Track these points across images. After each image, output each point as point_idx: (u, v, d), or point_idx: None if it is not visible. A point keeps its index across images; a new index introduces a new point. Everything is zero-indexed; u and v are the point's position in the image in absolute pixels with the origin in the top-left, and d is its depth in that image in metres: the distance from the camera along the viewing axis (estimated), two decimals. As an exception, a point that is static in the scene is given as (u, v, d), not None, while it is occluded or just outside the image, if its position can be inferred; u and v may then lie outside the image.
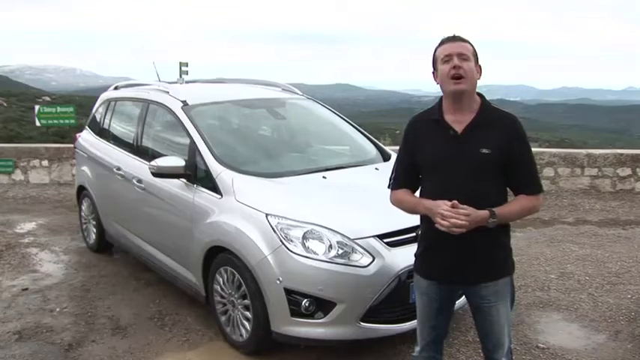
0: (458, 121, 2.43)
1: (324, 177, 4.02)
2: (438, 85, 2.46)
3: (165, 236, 4.45)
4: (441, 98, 2.53)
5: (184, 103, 4.51)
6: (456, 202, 2.32)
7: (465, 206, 2.32)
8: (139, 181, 4.62)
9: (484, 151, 2.37)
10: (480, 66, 2.45)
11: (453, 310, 2.70)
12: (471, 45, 2.44)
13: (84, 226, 6.11)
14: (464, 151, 2.39)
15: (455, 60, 2.37)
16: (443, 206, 2.33)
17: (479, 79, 2.44)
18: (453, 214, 2.30)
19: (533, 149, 2.54)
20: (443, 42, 2.45)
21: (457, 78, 2.37)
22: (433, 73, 2.48)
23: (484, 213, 2.33)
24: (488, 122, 2.41)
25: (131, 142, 5.06)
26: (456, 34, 2.46)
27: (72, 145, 6.75)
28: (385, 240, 3.40)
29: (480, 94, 2.50)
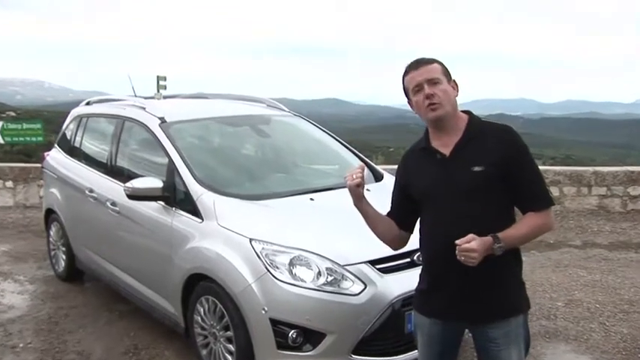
0: (445, 144, 2.44)
1: (311, 199, 4.06)
2: (417, 115, 2.49)
3: (141, 263, 4.46)
4: (426, 129, 2.55)
5: (162, 120, 4.56)
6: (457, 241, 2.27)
7: (472, 236, 2.26)
8: (113, 203, 4.65)
9: (476, 169, 2.34)
10: (454, 81, 2.47)
11: (457, 353, 2.64)
12: (439, 63, 2.44)
13: (52, 253, 6.09)
14: (454, 174, 2.38)
15: (426, 89, 2.39)
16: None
17: (457, 95, 2.46)
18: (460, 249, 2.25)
19: None
20: (407, 70, 2.47)
21: (432, 105, 2.39)
22: (408, 102, 2.51)
23: (488, 240, 2.28)
24: (478, 138, 2.40)
25: (105, 161, 5.09)
26: (420, 59, 2.47)
27: (39, 165, 6.76)
28: (378, 266, 3.44)
29: (466, 111, 2.51)
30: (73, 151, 5.77)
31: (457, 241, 2.26)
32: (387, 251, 3.42)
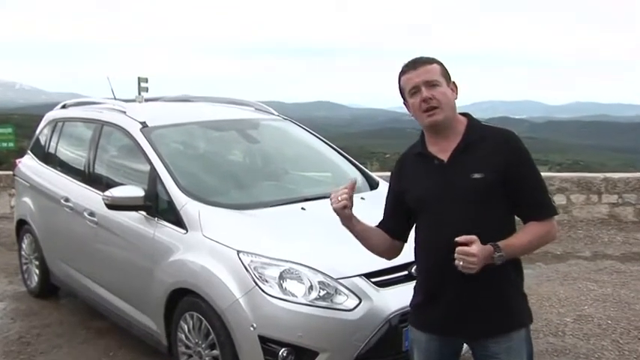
0: (442, 149, 2.46)
1: (303, 208, 4.09)
2: (412, 117, 2.51)
3: (121, 277, 4.47)
4: (422, 132, 2.56)
5: (144, 124, 4.58)
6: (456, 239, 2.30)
7: (471, 237, 2.28)
8: (91, 214, 4.66)
9: (475, 176, 2.36)
10: (454, 83, 2.49)
11: None
12: (438, 63, 2.45)
13: (24, 267, 6.08)
14: (452, 181, 2.41)
15: (423, 92, 2.39)
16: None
17: (456, 98, 2.48)
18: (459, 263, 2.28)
19: (542, 174, 2.54)
20: (404, 70, 2.47)
21: (430, 110, 2.40)
22: (404, 103, 2.53)
23: (488, 248, 2.30)
24: (478, 143, 2.42)
25: (82, 169, 5.11)
26: (418, 58, 2.47)
27: (11, 173, 6.75)
28: (373, 279, 3.47)
29: (465, 114, 2.53)
30: (48, 158, 5.78)
31: (458, 239, 2.29)
32: (383, 264, 3.44)
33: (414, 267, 2.72)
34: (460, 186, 2.39)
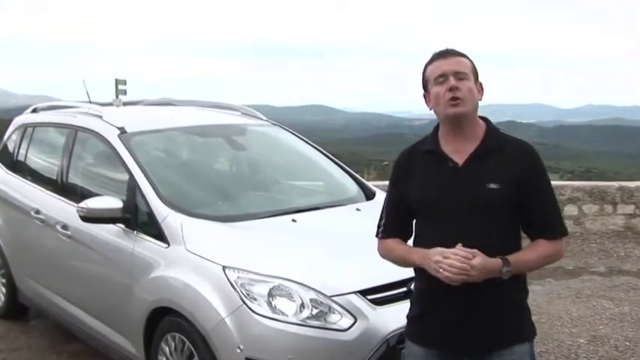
0: (458, 150, 2.50)
1: (293, 220, 4.12)
2: (431, 110, 2.54)
3: (96, 296, 4.48)
4: (437, 126, 2.60)
5: (122, 130, 4.59)
6: (460, 245, 2.36)
7: (473, 250, 2.35)
8: (64, 227, 4.66)
9: (492, 186, 2.42)
10: (480, 84, 2.54)
11: None
12: (469, 59, 2.52)
13: (-10, 285, 6.06)
14: (466, 188, 2.45)
15: (451, 80, 2.44)
16: (440, 251, 2.37)
17: (480, 99, 2.53)
18: (456, 262, 2.33)
19: (552, 182, 2.59)
20: (434, 58, 2.52)
21: (455, 100, 2.44)
22: (424, 95, 2.57)
23: (496, 262, 2.37)
24: (496, 151, 2.48)
25: (54, 178, 5.11)
26: (450, 48, 2.54)
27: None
28: (370, 297, 3.48)
29: (484, 118, 2.58)
30: (17, 166, 5.77)
31: (457, 250, 2.34)
32: (380, 280, 3.48)
33: (414, 283, 2.75)
34: (474, 194, 2.44)
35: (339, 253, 3.79)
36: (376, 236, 2.78)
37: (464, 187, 2.45)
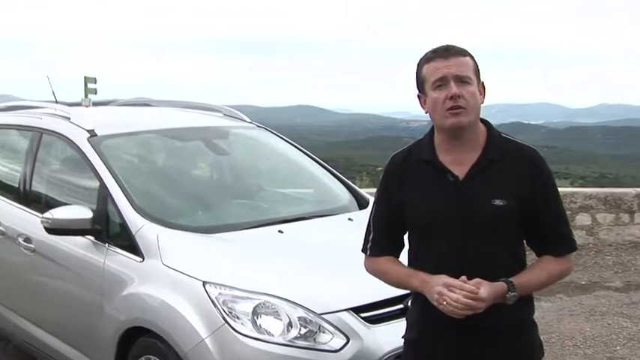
0: (457, 161, 2.47)
1: (280, 231, 4.13)
2: (427, 114, 2.50)
3: (63, 316, 4.46)
4: (432, 129, 2.56)
5: (92, 133, 4.57)
6: (464, 278, 2.34)
7: (478, 280, 2.33)
8: (27, 239, 4.64)
9: (497, 202, 2.39)
10: (482, 84, 2.51)
11: None
12: (471, 57, 2.47)
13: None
14: (469, 205, 2.42)
15: (453, 87, 2.37)
16: (444, 282, 2.35)
17: (482, 102, 2.50)
18: (461, 297, 2.30)
19: (562, 189, 2.61)
20: (432, 57, 2.45)
21: (455, 109, 2.39)
22: (419, 97, 2.53)
23: (500, 287, 2.36)
24: (499, 161, 2.45)
25: (16, 186, 5.08)
26: (450, 45, 2.47)
27: None
28: (363, 314, 3.49)
29: (484, 121, 2.55)
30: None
31: (463, 283, 2.32)
32: (374, 296, 3.49)
33: (410, 302, 2.75)
34: (477, 212, 2.42)
35: (329, 267, 3.80)
36: (362, 251, 2.76)
37: (466, 204, 2.43)
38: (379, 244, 2.69)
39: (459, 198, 2.44)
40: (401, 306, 3.50)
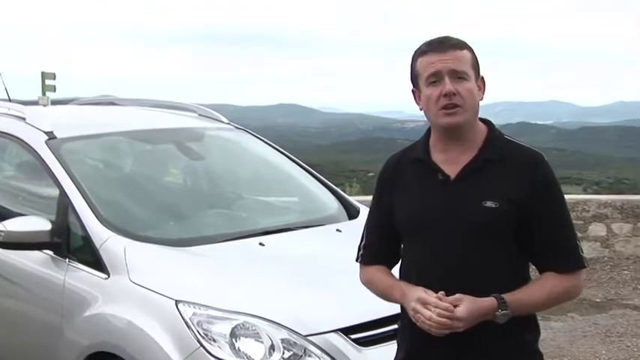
0: (451, 160, 2.50)
1: (261, 244, 4.13)
2: (422, 111, 2.53)
3: (17, 340, 4.43)
4: (428, 129, 2.60)
5: (50, 135, 4.55)
6: (442, 293, 2.34)
7: (457, 296, 2.33)
8: (-22, 254, 4.63)
9: (488, 204, 2.40)
10: (482, 79, 2.53)
11: None
12: (469, 50, 2.49)
13: None
14: (457, 205, 2.44)
15: (447, 83, 2.40)
16: (418, 296, 2.36)
17: (481, 99, 2.52)
18: (434, 316, 2.30)
19: (574, 196, 2.60)
20: (427, 50, 2.47)
21: (450, 108, 2.41)
22: (413, 92, 2.56)
23: (489, 303, 2.35)
24: (496, 162, 2.47)
25: (-35, 194, 5.07)
26: (446, 37, 2.49)
27: None
28: (353, 336, 3.50)
29: (485, 121, 2.58)
30: None
31: (438, 300, 2.32)
32: (365, 316, 3.50)
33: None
34: (466, 213, 2.43)
35: (316, 284, 3.81)
36: (356, 260, 2.79)
37: (455, 204, 2.45)
38: (371, 251, 2.72)
39: (447, 198, 2.46)
40: (395, 326, 3.50)
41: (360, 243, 2.78)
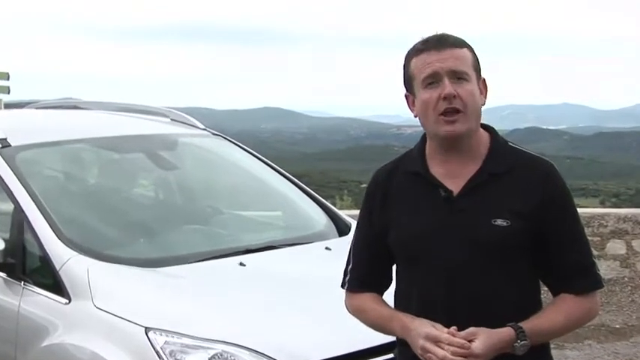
0: (452, 174, 2.46)
1: (241, 264, 4.13)
2: (417, 118, 2.49)
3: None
4: (423, 137, 2.57)
5: (4, 143, 4.55)
6: (454, 328, 2.31)
7: (471, 330, 2.31)
8: None
9: (498, 222, 2.38)
10: (484, 81, 2.52)
11: None
12: (469, 49, 2.47)
13: None
14: (465, 225, 2.41)
15: (446, 85, 2.37)
16: (426, 333, 2.32)
17: (484, 104, 2.50)
18: (449, 355, 2.26)
19: (590, 210, 2.59)
20: (422, 49, 2.44)
21: (450, 114, 2.38)
22: (407, 96, 2.53)
23: (506, 334, 2.33)
24: (504, 174, 2.45)
25: None
26: (444, 35, 2.47)
27: None
28: (344, 367, 3.51)
29: (487, 127, 2.56)
30: None
31: (451, 337, 2.29)
32: (356, 345, 3.49)
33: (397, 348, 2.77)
34: (475, 234, 2.41)
35: (302, 308, 3.81)
36: (342, 286, 2.74)
37: (461, 224, 2.43)
38: (359, 277, 2.68)
39: (452, 217, 2.43)
40: (391, 355, 3.51)
41: (347, 266, 2.72)
